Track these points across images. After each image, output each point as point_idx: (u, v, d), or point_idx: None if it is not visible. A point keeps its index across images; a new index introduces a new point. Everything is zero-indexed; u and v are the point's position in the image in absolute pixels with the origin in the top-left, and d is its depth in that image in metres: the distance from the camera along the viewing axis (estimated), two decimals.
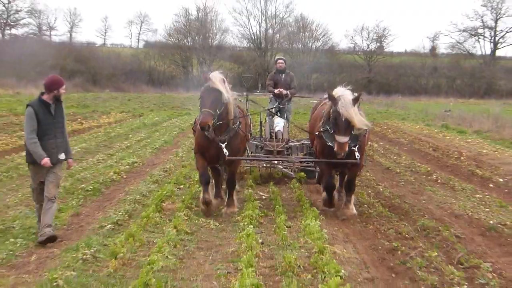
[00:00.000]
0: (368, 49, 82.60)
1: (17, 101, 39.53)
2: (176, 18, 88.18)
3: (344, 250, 8.93)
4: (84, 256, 7.90)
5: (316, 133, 11.12)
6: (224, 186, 12.30)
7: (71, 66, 63.09)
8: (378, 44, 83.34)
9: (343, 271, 7.53)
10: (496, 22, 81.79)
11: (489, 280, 7.47)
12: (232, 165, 11.25)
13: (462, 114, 36.34)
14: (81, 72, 62.55)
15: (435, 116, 38.60)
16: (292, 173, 14.61)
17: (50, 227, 8.86)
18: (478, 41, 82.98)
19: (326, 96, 11.45)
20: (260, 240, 9.13)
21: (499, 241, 9.57)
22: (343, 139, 10.09)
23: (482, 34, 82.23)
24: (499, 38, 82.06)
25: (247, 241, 8.69)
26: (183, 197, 12.00)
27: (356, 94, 10.58)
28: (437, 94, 69.75)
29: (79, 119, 29.94)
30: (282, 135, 14.75)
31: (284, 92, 15.12)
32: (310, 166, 14.45)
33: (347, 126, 10.14)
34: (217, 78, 10.32)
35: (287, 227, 9.98)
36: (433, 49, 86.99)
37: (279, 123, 14.97)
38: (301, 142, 15.17)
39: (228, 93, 10.39)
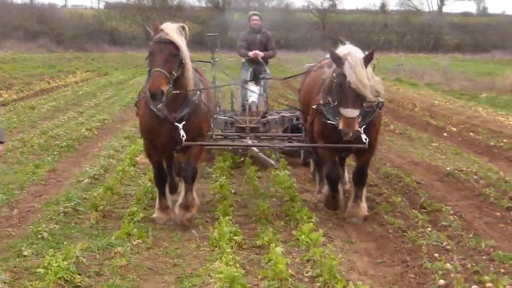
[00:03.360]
0: (322, 7, 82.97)
1: None
2: None
3: (313, 198, 9.30)
4: (66, 210, 8.11)
5: (314, 107, 8.22)
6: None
7: (34, 27, 62.48)
8: (331, 2, 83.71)
9: (314, 217, 7.89)
10: None
11: (451, 222, 7.89)
12: (191, 151, 8.07)
13: (413, 68, 37.03)
14: (44, 33, 61.89)
15: (387, 70, 39.20)
16: (274, 163, 11.15)
17: None
18: None
19: (326, 57, 8.95)
20: (233, 191, 9.48)
21: (456, 186, 10.02)
22: (352, 112, 7.40)
23: None
24: None
25: (221, 191, 9.03)
26: None
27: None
28: (388, 50, 70.47)
29: (46, 79, 29.69)
30: (257, 107, 11.93)
31: (261, 54, 12.45)
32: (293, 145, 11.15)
33: (357, 96, 7.46)
34: (172, 28, 7.46)
35: (257, 177, 10.29)
36: (383, 6, 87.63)
37: (253, 93, 12.12)
38: (281, 114, 12.35)
39: (187, 50, 7.52)
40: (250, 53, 12.42)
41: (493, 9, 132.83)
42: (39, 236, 7.06)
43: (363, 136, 7.78)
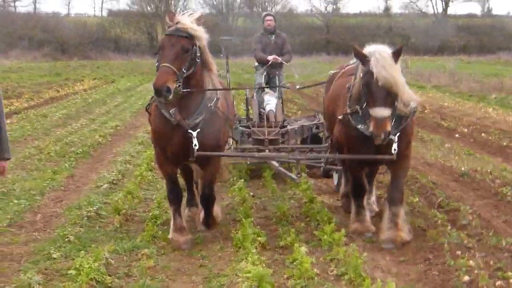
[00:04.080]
0: (325, 11, 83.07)
1: None
2: None
3: (331, 200, 9.41)
4: (88, 214, 8.23)
5: (340, 117, 7.36)
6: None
7: (39, 36, 62.73)
8: (334, 6, 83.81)
9: (334, 218, 7.95)
10: None
11: (470, 221, 7.91)
12: (208, 167, 7.39)
13: (419, 70, 37.10)
14: (49, 42, 62.22)
15: None
16: (296, 177, 9.00)
17: None
18: (431, 0, 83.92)
19: (350, 62, 8.26)
20: (251, 193, 9.58)
21: (472, 186, 10.08)
22: (383, 111, 6.61)
23: None
24: None
25: (240, 194, 9.13)
26: None
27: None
28: None
29: (54, 87, 29.87)
30: (275, 116, 11.10)
31: (279, 60, 11.74)
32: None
33: (387, 94, 6.68)
34: (188, 19, 6.71)
35: (274, 180, 10.33)
36: (387, 9, 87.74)
37: (270, 100, 11.37)
38: (300, 123, 11.36)
39: (207, 44, 6.89)
40: (270, 57, 11.70)
41: (497, 10, 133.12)
42: (66, 239, 7.19)
43: (394, 146, 6.96)
